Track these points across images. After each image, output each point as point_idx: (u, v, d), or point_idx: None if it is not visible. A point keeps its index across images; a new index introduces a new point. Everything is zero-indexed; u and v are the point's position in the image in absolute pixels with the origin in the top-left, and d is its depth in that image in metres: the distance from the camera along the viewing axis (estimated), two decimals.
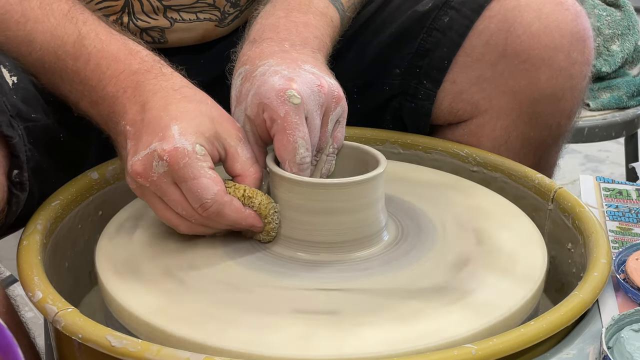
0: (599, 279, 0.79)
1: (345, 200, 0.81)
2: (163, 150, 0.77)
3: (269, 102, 0.81)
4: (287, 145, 0.81)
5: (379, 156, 0.85)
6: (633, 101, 1.80)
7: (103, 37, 0.87)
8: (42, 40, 0.87)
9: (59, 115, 0.91)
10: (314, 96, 0.83)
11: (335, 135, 0.87)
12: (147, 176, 0.79)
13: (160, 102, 0.81)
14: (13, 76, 0.85)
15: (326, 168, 0.87)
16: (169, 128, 0.78)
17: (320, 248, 0.82)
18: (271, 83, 0.82)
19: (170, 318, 0.74)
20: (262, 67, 0.85)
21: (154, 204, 0.82)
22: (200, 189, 0.78)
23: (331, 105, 0.85)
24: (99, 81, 0.85)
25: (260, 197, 0.82)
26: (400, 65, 1.06)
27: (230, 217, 0.80)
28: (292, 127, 0.80)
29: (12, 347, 0.63)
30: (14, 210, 0.84)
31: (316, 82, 0.83)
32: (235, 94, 0.87)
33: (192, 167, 0.77)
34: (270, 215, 0.82)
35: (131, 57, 0.85)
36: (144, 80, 0.83)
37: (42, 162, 0.87)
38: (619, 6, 1.87)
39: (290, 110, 0.80)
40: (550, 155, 1.08)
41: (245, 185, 0.82)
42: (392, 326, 0.73)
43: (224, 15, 1.06)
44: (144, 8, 1.01)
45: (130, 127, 0.82)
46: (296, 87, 0.81)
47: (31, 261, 0.80)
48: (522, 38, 0.98)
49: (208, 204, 0.78)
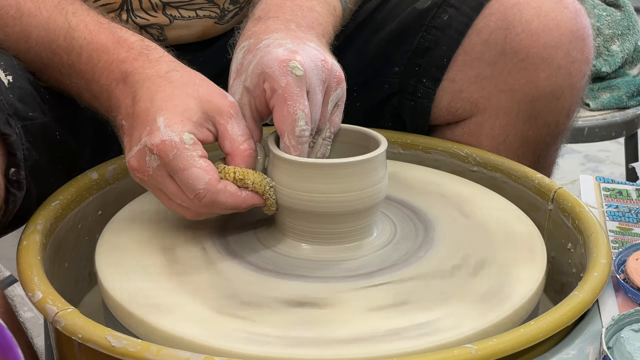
0: (599, 279, 0.79)
1: (347, 181, 0.81)
2: (152, 144, 0.77)
3: (271, 72, 0.80)
4: (287, 116, 0.79)
5: (379, 137, 0.85)
6: (633, 101, 1.80)
7: (92, 27, 0.86)
8: (37, 35, 0.87)
9: (55, 113, 0.91)
10: (317, 71, 0.81)
11: (332, 119, 0.86)
12: (143, 171, 0.79)
13: (147, 93, 0.80)
14: (8, 75, 0.85)
15: (321, 152, 0.86)
16: (155, 121, 0.78)
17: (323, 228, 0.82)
18: (275, 53, 0.80)
19: (170, 318, 0.74)
20: (267, 40, 0.84)
21: (158, 196, 0.82)
22: (191, 180, 0.77)
23: (332, 85, 0.84)
24: (93, 74, 0.85)
25: (252, 177, 0.80)
26: (400, 64, 1.06)
27: (228, 203, 0.79)
28: (293, 98, 0.79)
29: (12, 347, 0.63)
30: (11, 208, 0.84)
31: (320, 57, 0.82)
32: (235, 67, 0.86)
33: (182, 158, 0.77)
34: (266, 191, 0.81)
35: (119, 46, 0.85)
36: (132, 70, 0.83)
37: (39, 161, 0.87)
38: (619, 6, 1.87)
39: (292, 82, 0.79)
40: (549, 154, 1.08)
41: (234, 167, 0.80)
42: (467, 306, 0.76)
43: (224, 13, 1.06)
44: (143, 5, 1.01)
45: (125, 121, 0.81)
46: (300, 59, 0.80)
47: (31, 261, 0.80)
48: (521, 36, 0.98)
49: (201, 193, 0.77)
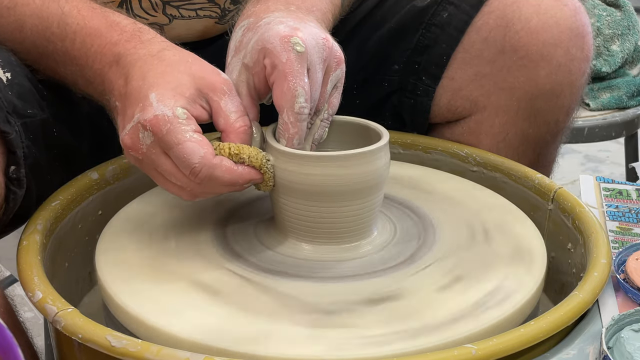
0: (599, 279, 0.78)
1: (349, 173, 0.80)
2: (145, 120, 0.76)
3: (272, 47, 0.79)
4: (286, 92, 0.78)
5: (380, 130, 0.84)
6: (633, 101, 1.80)
7: (85, 13, 0.86)
8: (31, 24, 0.87)
9: (53, 110, 0.91)
10: (318, 48, 0.81)
11: (331, 100, 0.85)
12: (137, 149, 0.78)
13: (139, 71, 0.80)
14: (7, 72, 0.85)
15: (319, 134, 0.85)
16: (148, 97, 0.77)
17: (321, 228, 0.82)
18: (276, 30, 0.80)
19: (170, 318, 0.74)
20: (267, 18, 0.83)
21: (153, 176, 0.81)
22: (186, 154, 0.75)
23: (332, 65, 0.83)
24: (87, 59, 0.84)
25: (247, 151, 0.79)
26: (399, 61, 1.06)
27: (224, 178, 0.78)
28: (293, 74, 0.78)
29: (12, 347, 0.63)
30: (12, 207, 0.84)
31: (322, 35, 0.82)
32: (234, 45, 0.85)
33: (176, 132, 0.75)
34: (263, 165, 0.79)
35: (111, 29, 0.84)
36: (124, 52, 0.82)
37: (39, 159, 0.87)
38: (619, 6, 1.87)
39: (294, 57, 0.78)
40: (549, 152, 1.08)
41: (229, 143, 0.79)
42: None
43: (224, 12, 1.05)
44: (143, 4, 1.01)
45: (118, 102, 0.81)
46: (301, 35, 0.79)
47: (31, 261, 0.80)
48: (521, 34, 0.98)
49: (197, 168, 0.76)
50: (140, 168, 0.81)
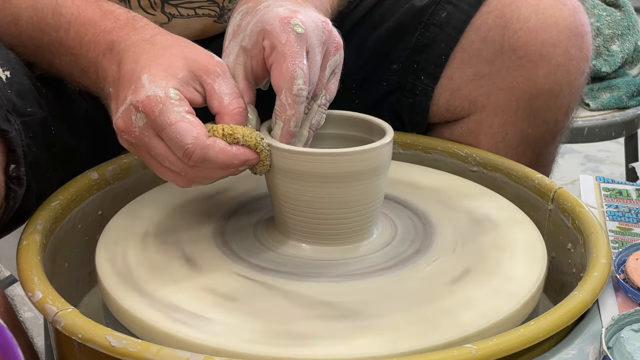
0: (599, 279, 0.79)
1: (350, 170, 0.80)
2: (137, 101, 0.75)
3: (271, 29, 0.79)
4: (285, 73, 0.78)
5: (385, 126, 0.84)
6: (633, 101, 1.80)
7: (79, 2, 0.86)
8: (26, 16, 0.87)
9: (52, 108, 0.91)
10: (317, 31, 0.80)
11: (329, 86, 0.84)
12: (129, 132, 0.77)
13: (132, 56, 0.79)
14: (6, 70, 0.85)
15: (316, 119, 0.84)
16: (140, 79, 0.76)
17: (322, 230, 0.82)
18: (276, 12, 0.79)
19: (170, 318, 0.74)
20: (267, 2, 0.83)
21: (147, 161, 0.80)
22: (179, 134, 0.74)
23: (331, 49, 0.83)
24: (81, 48, 0.84)
25: (241, 130, 0.77)
26: (398, 61, 1.06)
27: (219, 159, 0.76)
28: (292, 55, 0.78)
29: (12, 347, 0.63)
30: (12, 205, 0.84)
31: (321, 18, 0.82)
32: (231, 29, 0.85)
33: (168, 112, 0.75)
34: (258, 143, 0.78)
35: (105, 17, 0.84)
36: (118, 39, 0.82)
37: (39, 157, 0.87)
38: (619, 6, 1.87)
39: (293, 39, 0.78)
40: (548, 152, 1.08)
41: (222, 125, 0.78)
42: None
43: (223, 11, 1.05)
44: (141, 3, 1.00)
45: (112, 87, 0.80)
46: (301, 17, 0.79)
47: (31, 261, 0.80)
48: (520, 34, 0.98)
49: (190, 149, 0.75)
50: (134, 153, 0.81)
